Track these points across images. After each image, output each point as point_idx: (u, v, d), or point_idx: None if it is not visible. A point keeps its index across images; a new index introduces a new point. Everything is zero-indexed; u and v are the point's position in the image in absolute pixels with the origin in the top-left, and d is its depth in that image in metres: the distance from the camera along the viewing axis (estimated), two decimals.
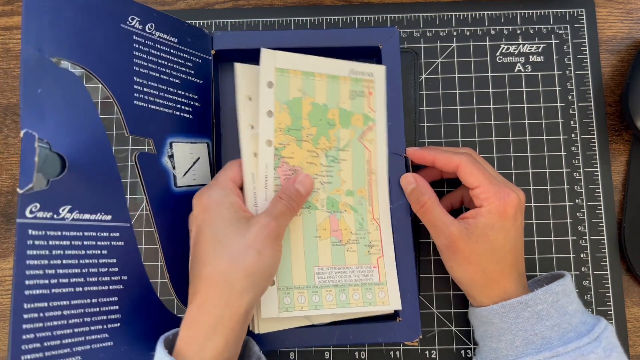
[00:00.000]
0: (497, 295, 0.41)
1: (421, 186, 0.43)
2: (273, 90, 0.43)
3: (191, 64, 0.46)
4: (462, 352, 0.48)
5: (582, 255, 0.49)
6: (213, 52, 0.47)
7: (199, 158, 0.46)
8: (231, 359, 0.36)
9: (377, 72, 0.46)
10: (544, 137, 0.51)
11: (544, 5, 0.54)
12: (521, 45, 0.53)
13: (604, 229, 0.50)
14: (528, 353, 0.38)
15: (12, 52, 0.54)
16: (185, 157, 0.44)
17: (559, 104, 0.52)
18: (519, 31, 0.53)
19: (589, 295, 0.49)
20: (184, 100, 0.45)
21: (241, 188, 0.41)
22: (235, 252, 0.35)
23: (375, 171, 0.45)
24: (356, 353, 0.48)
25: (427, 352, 0.48)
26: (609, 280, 0.49)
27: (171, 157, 0.43)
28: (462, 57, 0.53)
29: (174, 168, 0.43)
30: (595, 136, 0.51)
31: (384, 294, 0.44)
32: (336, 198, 0.44)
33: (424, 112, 0.52)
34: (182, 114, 0.44)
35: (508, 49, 0.53)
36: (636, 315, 0.49)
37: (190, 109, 0.45)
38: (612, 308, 0.48)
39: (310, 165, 0.44)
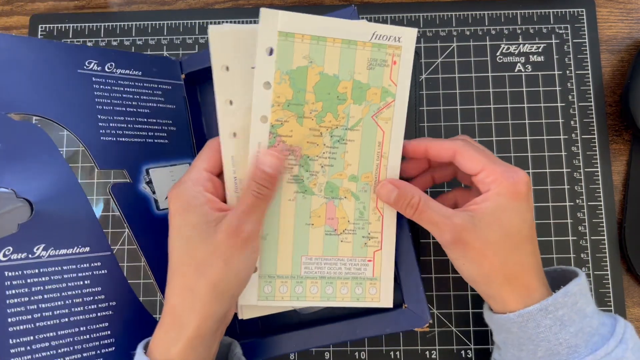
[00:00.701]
0: (519, 294, 0.36)
1: (405, 188, 0.38)
2: (273, 58, 0.37)
3: (160, 92, 0.47)
4: (462, 352, 0.48)
5: (582, 255, 0.49)
6: (183, 76, 0.48)
7: None
8: None
9: (406, 36, 0.39)
10: (544, 137, 0.51)
11: (545, 5, 0.54)
12: (521, 45, 0.53)
13: (605, 229, 0.50)
14: None
15: None
16: (165, 181, 0.45)
17: (559, 104, 0.52)
18: (519, 31, 0.53)
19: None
20: (156, 127, 0.46)
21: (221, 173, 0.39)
22: (200, 262, 0.34)
23: (386, 155, 0.40)
24: (356, 353, 0.48)
25: (427, 352, 0.48)
26: (610, 281, 0.49)
27: (149, 182, 0.45)
28: (463, 57, 0.53)
29: (153, 193, 0.45)
30: (595, 136, 0.51)
31: (375, 290, 0.41)
32: (337, 183, 0.40)
33: (424, 112, 0.52)
34: (156, 141, 0.46)
35: (508, 48, 0.53)
36: (637, 316, 0.49)
37: (165, 134, 0.47)
38: (612, 308, 0.48)
39: (311, 146, 0.39)
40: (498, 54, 0.53)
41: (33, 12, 0.55)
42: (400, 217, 0.41)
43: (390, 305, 0.41)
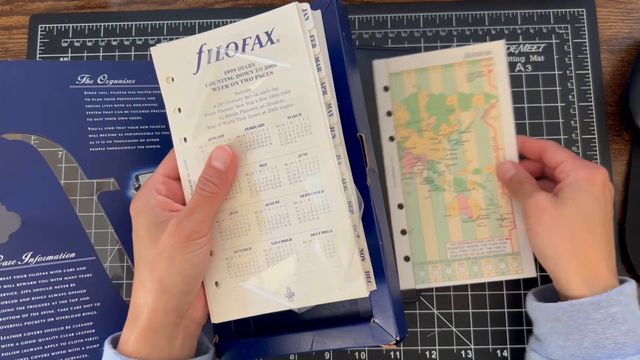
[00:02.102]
0: (585, 276, 0.38)
1: (521, 171, 0.44)
2: (389, 93, 0.47)
3: (154, 98, 0.49)
4: (462, 352, 0.48)
5: None
6: None
7: None
8: (159, 352, 0.37)
9: (495, 49, 0.47)
10: (545, 137, 0.51)
11: (545, 5, 0.53)
12: (522, 45, 0.53)
13: None
14: (598, 357, 0.36)
15: (11, 52, 0.54)
16: None
17: (559, 104, 0.52)
18: (519, 31, 0.53)
19: None
20: (149, 133, 0.48)
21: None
22: (149, 260, 0.37)
23: (502, 147, 0.46)
24: (356, 353, 0.48)
25: (427, 352, 0.48)
26: None
27: (138, 188, 0.47)
28: None
29: None
30: (595, 136, 0.51)
31: (518, 264, 0.46)
32: (463, 178, 0.47)
33: None
34: (147, 147, 0.47)
35: (508, 48, 0.53)
36: None
37: (158, 139, 0.48)
38: None
39: (434, 152, 0.47)
40: None
41: (33, 12, 0.55)
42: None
43: (534, 274, 0.46)
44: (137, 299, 0.37)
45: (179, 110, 0.40)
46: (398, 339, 0.38)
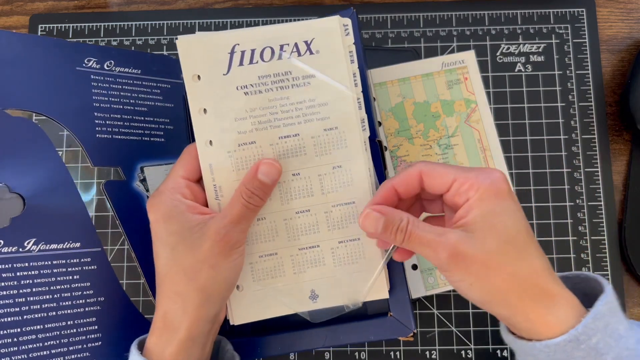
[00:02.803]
0: (544, 305, 0.32)
1: (391, 213, 0.34)
2: (376, 104, 0.48)
3: (159, 91, 0.47)
4: (462, 352, 0.48)
5: (582, 255, 0.49)
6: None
7: None
8: None
9: (468, 58, 0.49)
10: (545, 137, 0.51)
11: (545, 5, 0.53)
12: (522, 45, 0.53)
13: (605, 229, 0.50)
14: None
15: None
16: (160, 179, 0.46)
17: (559, 104, 0.52)
18: (519, 31, 0.53)
19: None
20: (153, 125, 0.46)
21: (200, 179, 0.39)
22: (188, 269, 0.35)
23: (487, 147, 0.48)
24: (356, 353, 0.48)
25: (427, 352, 0.48)
26: (610, 281, 0.49)
27: (143, 180, 0.45)
28: None
29: (147, 190, 0.45)
30: (595, 136, 0.51)
31: None
32: None
33: None
34: (152, 139, 0.46)
35: (508, 48, 0.53)
36: (637, 316, 0.49)
37: (162, 133, 0.47)
38: None
39: (427, 157, 0.48)
40: (498, 53, 0.53)
41: (33, 12, 0.55)
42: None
43: None
44: (173, 308, 0.35)
45: (204, 111, 0.39)
46: (416, 331, 0.40)
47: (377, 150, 0.41)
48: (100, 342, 0.42)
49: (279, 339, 0.42)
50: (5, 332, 0.39)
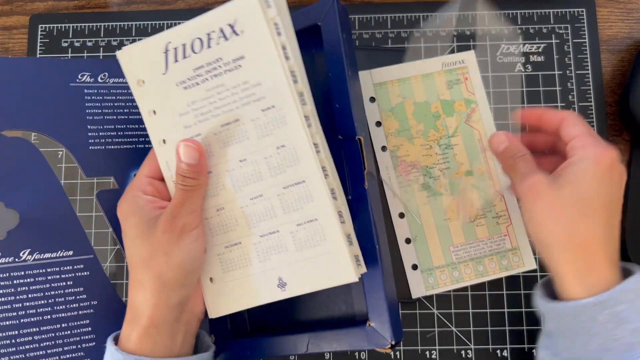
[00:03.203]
0: (578, 267, 0.35)
1: (514, 143, 0.40)
2: (376, 104, 0.49)
3: None
4: (462, 352, 0.48)
5: None
6: None
7: None
8: (162, 348, 0.37)
9: (468, 58, 0.49)
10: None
11: (545, 5, 0.53)
12: (522, 45, 0.53)
13: None
14: None
15: (11, 52, 0.54)
16: None
17: (559, 104, 0.52)
18: (519, 31, 0.53)
19: None
20: (147, 132, 0.47)
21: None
22: (146, 257, 0.37)
23: (488, 147, 0.47)
24: (356, 353, 0.48)
25: (427, 352, 0.48)
26: None
27: None
28: None
29: None
30: None
31: (518, 258, 0.48)
32: (457, 180, 0.48)
33: None
34: (146, 146, 0.46)
35: (508, 48, 0.53)
36: None
37: None
38: None
39: (427, 157, 0.48)
40: (498, 53, 0.53)
41: (33, 12, 0.55)
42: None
43: (534, 266, 0.47)
44: (136, 296, 0.38)
45: (154, 112, 0.40)
46: (393, 343, 0.38)
47: (355, 149, 0.40)
48: (94, 343, 0.45)
49: (261, 343, 0.42)
50: (3, 334, 0.42)
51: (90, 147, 0.46)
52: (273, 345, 0.42)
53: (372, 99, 0.49)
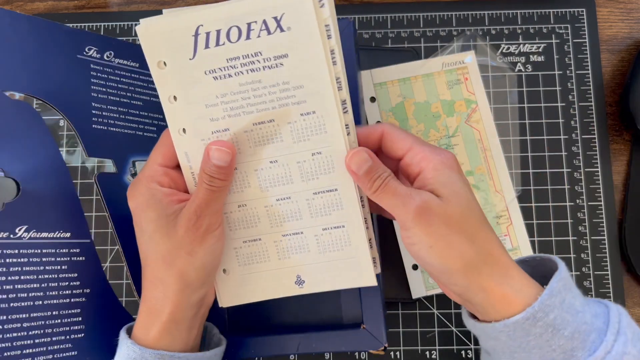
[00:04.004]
0: (501, 276, 0.33)
1: (378, 162, 0.35)
2: (376, 104, 0.49)
3: (154, 86, 0.47)
4: (462, 352, 0.48)
5: (582, 255, 0.49)
6: None
7: None
8: (179, 342, 0.37)
9: (468, 58, 0.49)
10: (545, 137, 0.51)
11: (545, 5, 0.53)
12: (522, 45, 0.53)
13: (605, 229, 0.50)
14: None
15: None
16: None
17: (559, 104, 0.52)
18: (519, 31, 0.53)
19: (589, 296, 0.48)
20: (147, 120, 0.46)
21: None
22: (166, 255, 0.36)
23: (488, 147, 0.49)
24: (356, 353, 0.48)
25: (427, 352, 0.48)
26: (610, 281, 0.49)
27: (134, 175, 0.45)
28: None
29: None
30: (595, 136, 0.51)
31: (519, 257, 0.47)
32: None
33: None
34: (145, 134, 0.46)
35: (508, 48, 0.53)
36: (637, 316, 0.49)
37: (155, 128, 0.47)
38: None
39: None
40: (498, 53, 0.53)
41: (33, 12, 0.55)
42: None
43: None
44: (155, 293, 0.36)
45: (174, 98, 0.37)
46: (387, 345, 0.39)
47: None
48: (83, 334, 0.41)
49: (252, 342, 0.42)
50: None
51: (93, 126, 0.43)
52: (263, 345, 0.42)
53: (373, 99, 0.49)
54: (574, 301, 0.33)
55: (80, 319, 0.41)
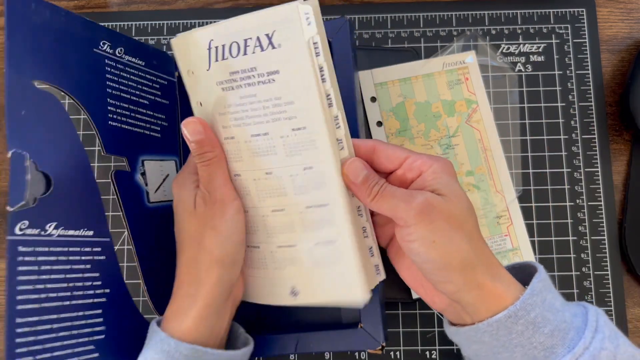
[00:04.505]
0: (493, 276, 0.34)
1: (373, 172, 0.36)
2: (377, 103, 0.49)
3: (158, 86, 0.47)
4: None
5: (582, 255, 0.49)
6: (177, 73, 0.48)
7: (168, 175, 0.47)
8: (212, 333, 0.37)
9: (468, 58, 0.50)
10: (545, 137, 0.51)
11: (545, 5, 0.53)
12: (522, 45, 0.53)
13: (605, 229, 0.50)
14: None
15: None
16: (156, 174, 0.46)
17: (559, 104, 0.52)
18: (519, 31, 0.53)
19: (589, 296, 0.49)
20: (152, 120, 0.46)
21: None
22: (194, 234, 0.38)
23: (489, 147, 0.49)
24: (356, 353, 0.48)
25: (427, 352, 0.48)
26: (610, 281, 0.49)
27: (143, 174, 0.45)
28: None
29: (146, 185, 0.45)
30: (595, 136, 0.51)
31: (519, 258, 0.48)
32: (458, 180, 0.46)
33: None
34: (151, 133, 0.45)
35: (509, 48, 0.53)
36: (637, 316, 0.49)
37: (159, 129, 0.47)
38: (612, 308, 0.48)
39: None
40: (498, 53, 0.53)
41: None
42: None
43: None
44: (188, 275, 0.37)
45: (200, 104, 0.40)
46: (384, 344, 0.39)
47: None
48: (103, 336, 0.40)
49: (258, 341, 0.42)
50: (23, 320, 0.35)
51: (109, 123, 0.42)
52: (262, 345, 0.42)
53: (373, 99, 0.49)
54: (554, 301, 0.34)
55: (101, 319, 0.40)
